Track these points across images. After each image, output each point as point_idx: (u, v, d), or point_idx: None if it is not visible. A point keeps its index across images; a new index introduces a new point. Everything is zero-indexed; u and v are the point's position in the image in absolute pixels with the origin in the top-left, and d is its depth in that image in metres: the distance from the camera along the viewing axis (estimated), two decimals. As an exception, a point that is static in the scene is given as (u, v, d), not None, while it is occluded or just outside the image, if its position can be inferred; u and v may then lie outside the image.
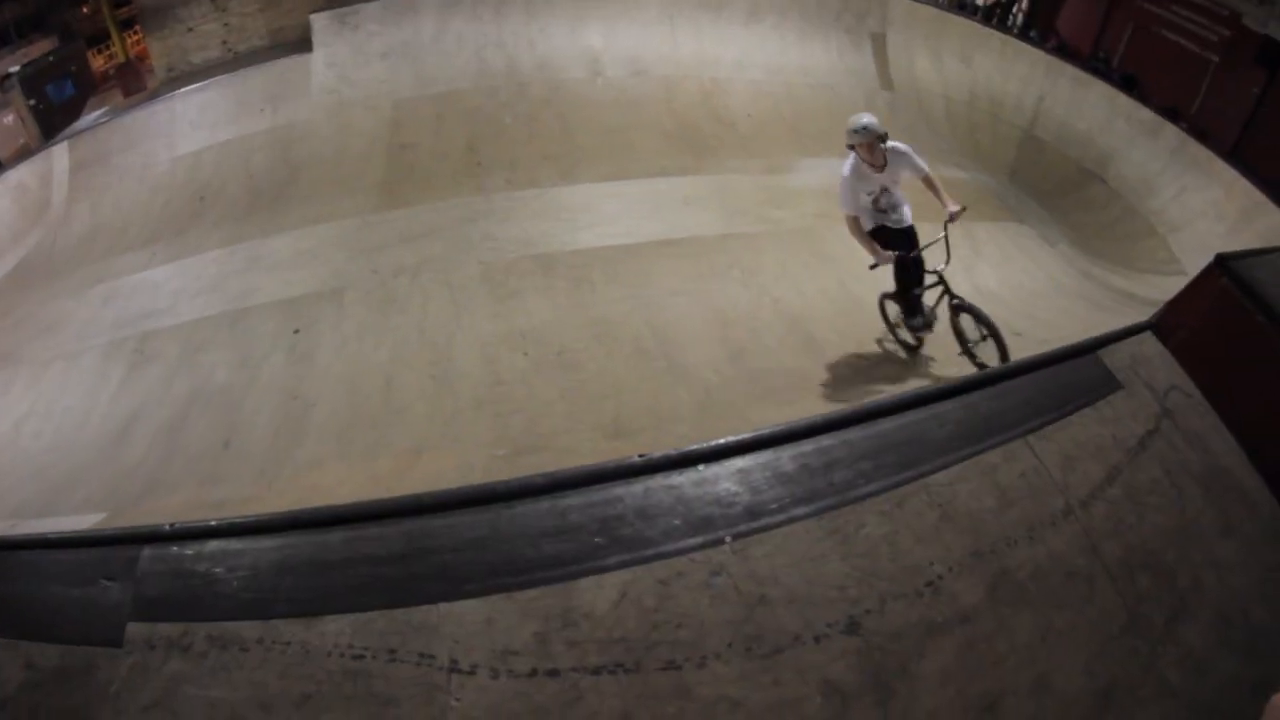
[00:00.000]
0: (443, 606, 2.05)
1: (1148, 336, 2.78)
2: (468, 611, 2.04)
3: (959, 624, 1.98)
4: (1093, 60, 14.13)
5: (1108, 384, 2.54)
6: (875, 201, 5.98)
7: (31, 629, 2.33)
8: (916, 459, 2.21)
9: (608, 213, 8.65)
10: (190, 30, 13.27)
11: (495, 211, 8.50)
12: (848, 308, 7.48)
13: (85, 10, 20.09)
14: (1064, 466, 2.27)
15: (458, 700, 1.94)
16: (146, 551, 2.40)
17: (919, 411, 2.37)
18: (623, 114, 10.40)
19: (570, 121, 10.32)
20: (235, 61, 12.90)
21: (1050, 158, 11.66)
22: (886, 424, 2.32)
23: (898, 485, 2.14)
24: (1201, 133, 11.32)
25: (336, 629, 2.06)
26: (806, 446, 2.26)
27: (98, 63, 19.38)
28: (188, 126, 11.56)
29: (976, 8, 15.84)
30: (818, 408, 5.75)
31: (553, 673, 1.94)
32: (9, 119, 15.34)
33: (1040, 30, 15.75)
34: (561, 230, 8.31)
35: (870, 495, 2.13)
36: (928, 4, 13.22)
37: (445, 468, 5.12)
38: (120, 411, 7.51)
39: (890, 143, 5.82)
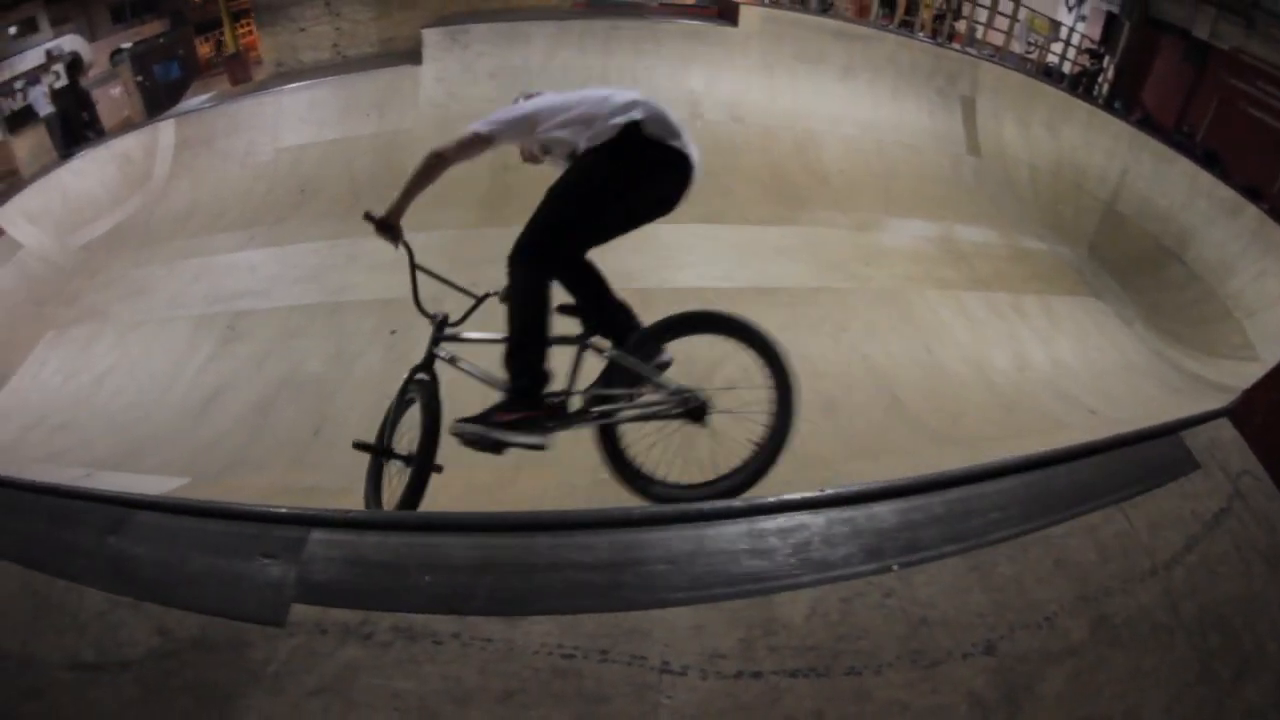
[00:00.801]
0: (654, 613, 2.15)
1: (1224, 423, 3.04)
2: (678, 618, 2.15)
3: (1069, 655, 2.24)
4: (1176, 134, 13.94)
5: (1188, 463, 2.81)
6: None
7: (163, 594, 2.35)
8: (1037, 513, 2.51)
9: (704, 254, 8.79)
10: (303, 30, 13.80)
11: None
12: (933, 373, 7.58)
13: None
14: (1150, 532, 2.54)
15: (669, 699, 2.02)
16: (315, 534, 2.44)
17: (1036, 473, 2.67)
18: (720, 158, 10.55)
19: (669, 162, 10.46)
20: (344, 65, 13.38)
21: (1130, 233, 11.56)
22: (1011, 481, 2.62)
23: (1022, 534, 2.42)
24: None
25: (543, 629, 2.11)
26: (952, 494, 2.53)
27: (204, 50, 20.15)
28: (295, 121, 11.99)
29: (1063, 75, 15.87)
30: (904, 467, 5.80)
31: (756, 675, 2.08)
32: (116, 91, 15.92)
33: (1125, 101, 15.69)
34: (660, 267, 8.44)
35: (1002, 540, 2.40)
36: (1017, 71, 13.37)
37: (547, 485, 5.15)
38: (206, 383, 7.71)
39: None
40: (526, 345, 3.33)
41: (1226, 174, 11.80)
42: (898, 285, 8.88)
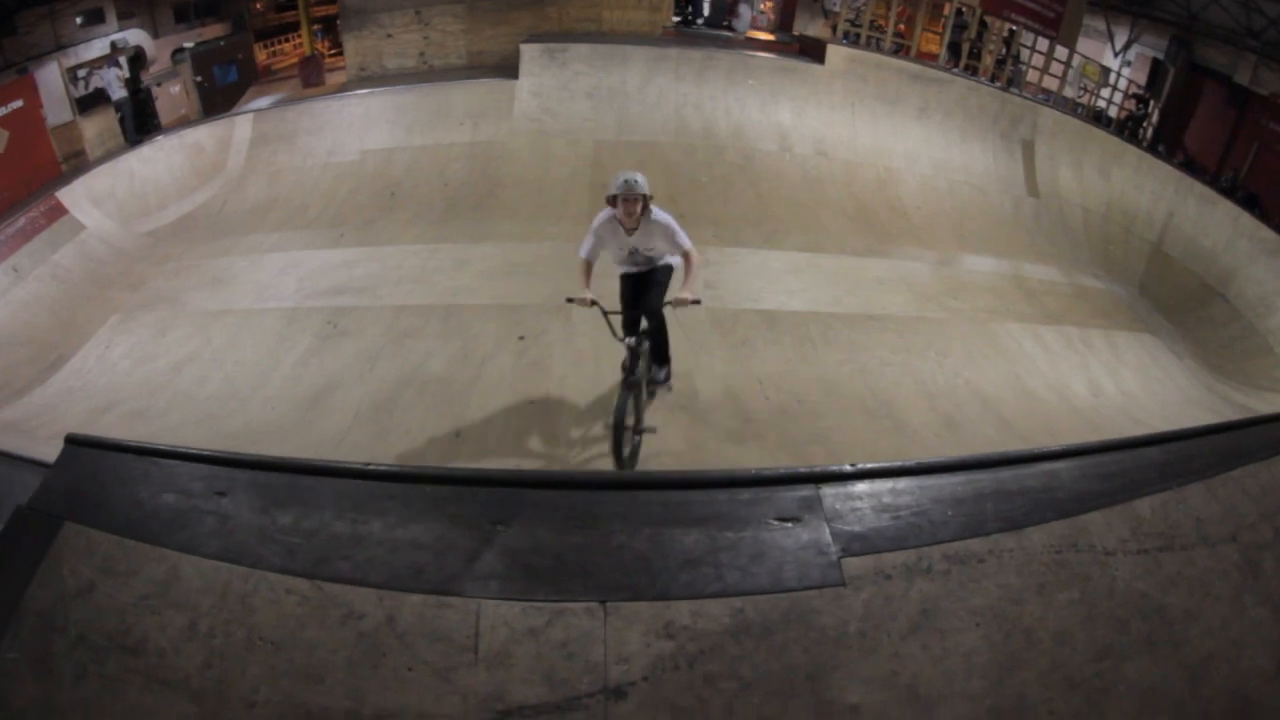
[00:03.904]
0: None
1: None
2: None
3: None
4: (1218, 177, 14.38)
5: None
6: (628, 256, 5.60)
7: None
8: (1150, 482, 2.82)
9: (811, 281, 8.97)
10: (390, 36, 13.89)
11: (710, 262, 8.72)
12: (1026, 396, 7.90)
13: (259, 6, 21.01)
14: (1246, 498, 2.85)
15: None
16: (826, 490, 2.64)
17: (1133, 452, 3.02)
18: (809, 191, 10.82)
19: (762, 190, 10.77)
20: (429, 73, 13.49)
21: (1177, 273, 11.89)
22: (1124, 454, 2.98)
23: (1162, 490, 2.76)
24: None
25: (1039, 535, 2.49)
26: (1093, 460, 2.91)
27: (261, 56, 20.23)
28: (382, 124, 12.00)
29: (1109, 119, 16.29)
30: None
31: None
32: (175, 89, 15.92)
33: (1168, 145, 16.07)
34: (775, 290, 8.61)
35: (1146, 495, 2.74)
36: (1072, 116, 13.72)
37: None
38: (311, 378, 7.55)
39: (655, 210, 5.26)
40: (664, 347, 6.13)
41: (1266, 215, 12.18)
42: (982, 317, 9.17)
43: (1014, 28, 15.22)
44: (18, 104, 11.91)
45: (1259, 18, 14.57)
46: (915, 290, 9.37)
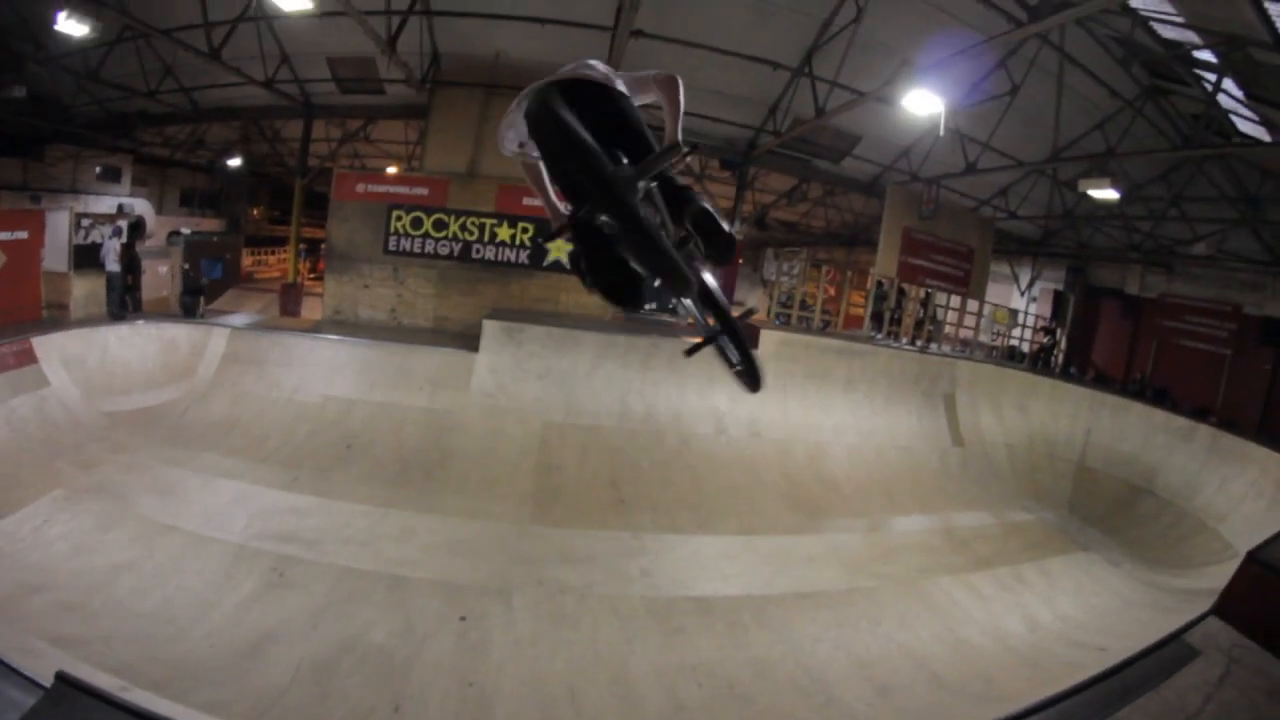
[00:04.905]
0: None
1: (1212, 619, 4.31)
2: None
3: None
4: (1128, 383, 16.18)
5: (1191, 654, 3.97)
6: None
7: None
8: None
9: (745, 565, 9.58)
10: (366, 287, 14.98)
11: (648, 550, 9.40)
12: (960, 648, 8.46)
13: (256, 214, 22.39)
14: (1179, 699, 3.66)
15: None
16: None
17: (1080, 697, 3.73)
18: (744, 473, 11.73)
19: (699, 473, 11.59)
20: (397, 330, 14.40)
21: (1102, 483, 13.01)
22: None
23: None
24: (1229, 423, 12.89)
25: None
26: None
27: (247, 261, 21.35)
28: (348, 373, 12.62)
29: (1023, 355, 18.33)
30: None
31: None
32: (163, 269, 16.53)
33: (1079, 365, 18.10)
34: (709, 576, 9.19)
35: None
36: (986, 363, 15.38)
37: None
38: (252, 623, 7.58)
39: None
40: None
41: (1175, 404, 13.80)
42: (913, 577, 9.85)
43: (929, 290, 17.23)
44: (22, 234, 12.26)
45: (1136, 234, 17.04)
46: (846, 563, 10.04)
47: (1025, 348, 18.88)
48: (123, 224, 13.81)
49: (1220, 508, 11.32)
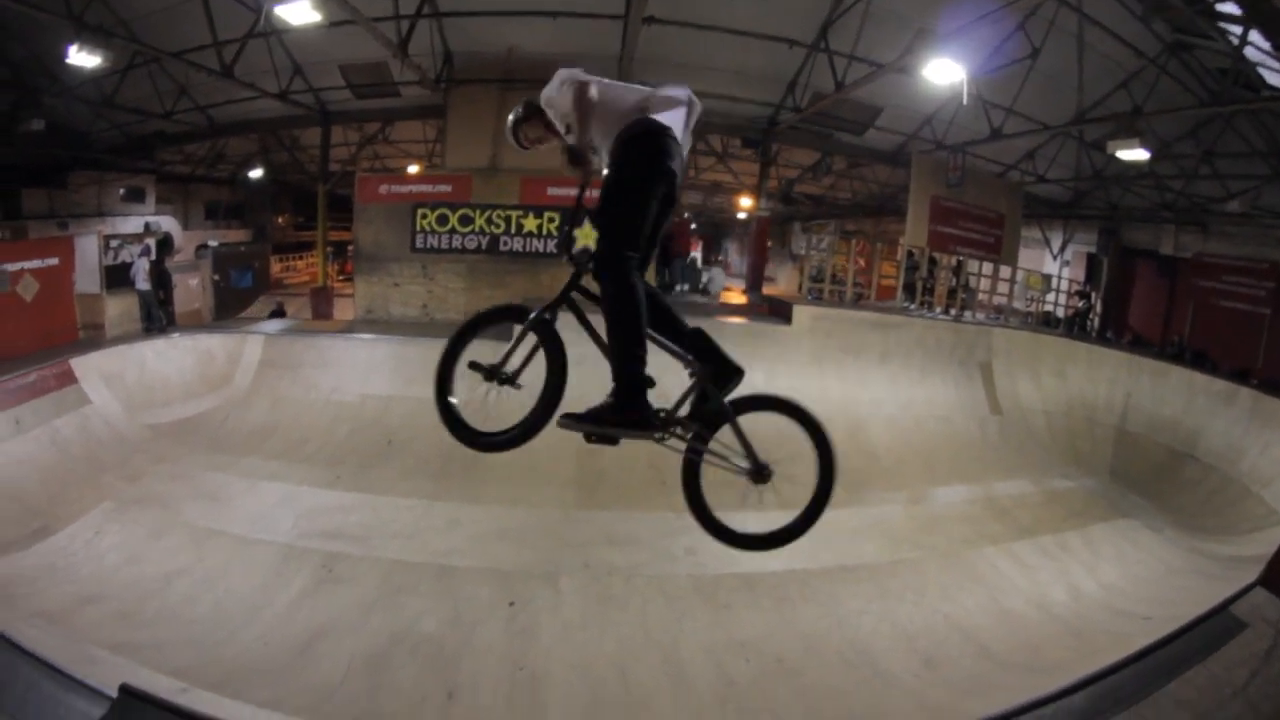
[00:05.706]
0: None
1: (1259, 590, 4.08)
2: None
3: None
4: (1166, 346, 15.87)
5: (1239, 626, 3.76)
6: None
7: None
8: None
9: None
10: (396, 285, 15.12)
11: (691, 529, 9.27)
12: (1006, 618, 8.43)
13: (281, 221, 22.70)
14: (1226, 672, 3.50)
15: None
16: None
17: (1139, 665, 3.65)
18: (782, 448, 11.50)
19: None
20: (429, 325, 14.53)
21: (1144, 448, 12.74)
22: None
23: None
24: (1271, 382, 12.58)
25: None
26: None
27: (276, 268, 21.67)
28: (385, 371, 12.76)
29: (1058, 320, 17.98)
30: (1010, 700, 6.55)
31: None
32: (194, 282, 16.91)
33: (1116, 329, 17.87)
34: (754, 554, 9.10)
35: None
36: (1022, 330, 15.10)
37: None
38: (303, 620, 7.76)
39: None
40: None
41: (1215, 367, 13.49)
42: (956, 548, 9.82)
43: (960, 258, 17.01)
44: (53, 261, 12.66)
45: (1168, 193, 16.54)
46: (889, 535, 10.02)
47: (1060, 313, 18.60)
48: (151, 242, 14.17)
49: (1265, 472, 11.05)
